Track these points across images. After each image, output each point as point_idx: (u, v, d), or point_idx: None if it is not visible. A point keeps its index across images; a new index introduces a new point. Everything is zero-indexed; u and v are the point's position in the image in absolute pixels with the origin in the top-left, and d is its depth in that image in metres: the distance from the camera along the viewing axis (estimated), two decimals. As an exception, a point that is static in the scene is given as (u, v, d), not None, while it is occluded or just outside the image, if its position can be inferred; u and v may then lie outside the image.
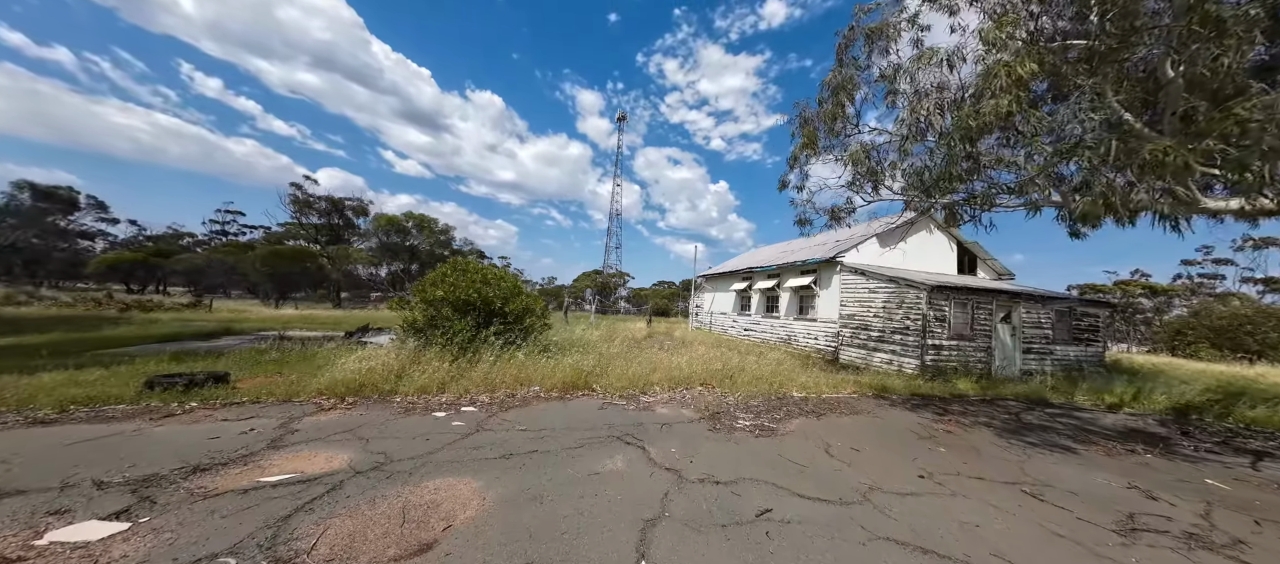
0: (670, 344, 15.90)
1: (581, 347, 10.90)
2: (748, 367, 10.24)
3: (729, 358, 12.04)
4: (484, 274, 9.48)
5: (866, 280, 13.54)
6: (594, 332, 16.60)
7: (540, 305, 9.93)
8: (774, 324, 17.60)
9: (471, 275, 9.23)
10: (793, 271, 16.90)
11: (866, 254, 15.30)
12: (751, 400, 7.48)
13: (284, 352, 9.33)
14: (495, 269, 9.96)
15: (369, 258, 35.81)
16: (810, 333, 15.45)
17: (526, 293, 9.99)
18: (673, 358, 10.83)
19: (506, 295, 9.22)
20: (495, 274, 9.78)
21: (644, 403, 6.85)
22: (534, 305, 9.63)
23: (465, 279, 8.94)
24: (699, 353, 12.71)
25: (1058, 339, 13.67)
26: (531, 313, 9.40)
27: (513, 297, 9.33)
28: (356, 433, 4.71)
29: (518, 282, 9.94)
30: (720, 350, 14.96)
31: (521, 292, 9.78)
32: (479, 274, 9.39)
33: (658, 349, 13.43)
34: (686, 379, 8.60)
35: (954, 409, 8.06)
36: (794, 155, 10.16)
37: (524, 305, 9.26)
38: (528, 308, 9.40)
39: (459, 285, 8.74)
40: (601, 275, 54.07)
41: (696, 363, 10.21)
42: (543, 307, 10.11)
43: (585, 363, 8.35)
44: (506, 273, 10.03)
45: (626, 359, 9.53)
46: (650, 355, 10.82)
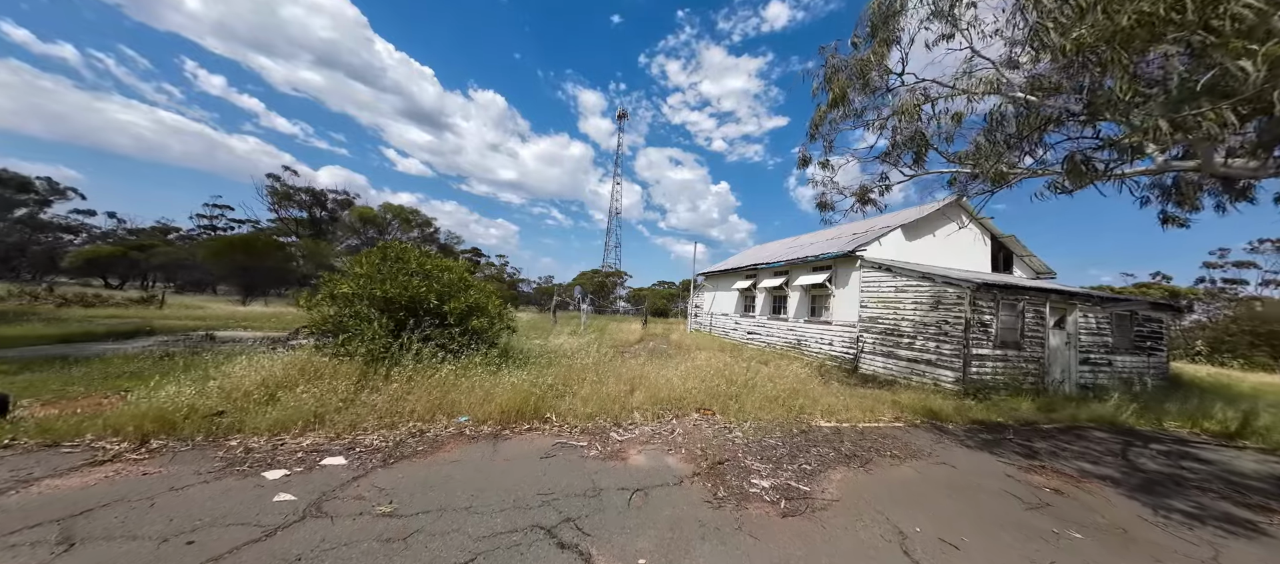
0: (664, 349, 13.83)
1: (551, 356, 8.82)
2: (757, 380, 8.17)
3: (732, 368, 9.97)
4: (422, 263, 7.40)
5: (893, 277, 11.46)
6: (576, 337, 14.53)
7: (496, 304, 7.85)
8: (781, 327, 15.52)
9: (398, 264, 7.14)
10: (803, 268, 14.83)
11: (889, 248, 13.23)
12: (766, 436, 5.39)
13: (169, 360, 7.27)
14: (440, 260, 7.88)
15: (343, 253, 33.76)
16: (824, 337, 13.36)
17: (478, 287, 7.92)
18: (664, 370, 8.76)
19: (447, 290, 7.15)
20: (440, 264, 7.71)
21: (614, 443, 4.77)
22: (486, 304, 7.54)
23: (389, 268, 6.85)
24: (697, 362, 10.63)
25: (1118, 347, 11.59)
26: (481, 313, 7.31)
27: (456, 292, 7.25)
28: (83, 518, 2.64)
29: (466, 273, 7.86)
30: (721, 357, 12.91)
31: (470, 285, 7.71)
32: (415, 262, 7.31)
33: (648, 357, 11.36)
34: (679, 400, 6.52)
35: (1038, 446, 5.97)
36: (815, 121, 8.07)
37: (470, 303, 7.18)
38: (476, 307, 7.31)
39: (377, 277, 6.65)
40: (599, 274, 52.00)
41: (693, 375, 8.14)
42: (500, 305, 8.03)
43: (543, 379, 6.28)
44: (453, 263, 7.95)
45: (603, 372, 7.44)
46: (636, 366, 8.74)
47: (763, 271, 17.25)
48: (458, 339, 6.79)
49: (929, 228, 13.81)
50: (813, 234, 20.54)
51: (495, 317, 7.72)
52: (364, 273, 6.64)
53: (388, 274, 6.70)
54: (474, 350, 6.93)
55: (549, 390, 6.06)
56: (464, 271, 7.78)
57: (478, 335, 7.17)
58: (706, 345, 15.98)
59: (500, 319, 7.92)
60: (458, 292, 7.33)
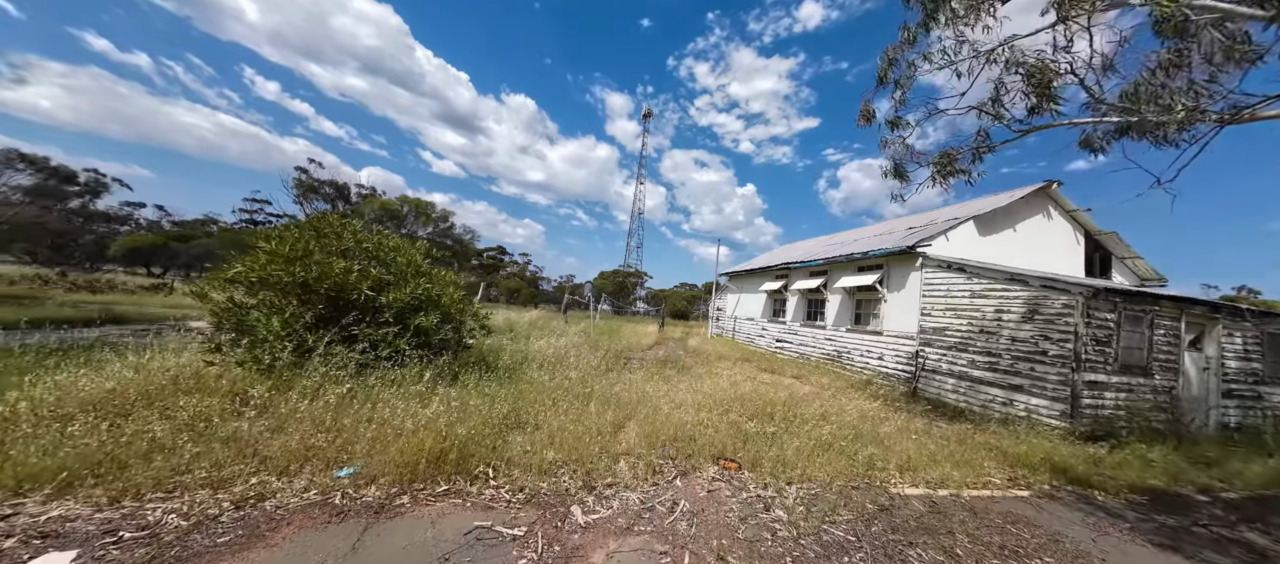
0: (680, 357, 11.82)
1: (530, 365, 6.97)
2: (798, 409, 6.08)
3: (761, 387, 7.90)
4: (360, 241, 5.67)
5: (968, 280, 9.10)
6: (571, 340, 12.68)
7: (455, 298, 6.04)
8: (818, 336, 13.25)
9: (329, 241, 5.42)
10: (846, 268, 12.54)
11: (958, 244, 10.82)
12: (827, 518, 3.35)
13: (57, 353, 5.80)
14: (387, 236, 6.16)
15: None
16: (871, 350, 11.06)
17: (437, 277, 6.14)
18: (673, 388, 6.78)
19: (389, 278, 5.39)
20: (389, 244, 5.98)
21: (573, 531, 2.86)
22: (441, 296, 5.75)
23: (307, 245, 5.13)
24: (717, 378, 8.59)
25: (1271, 377, 8.87)
26: (430, 308, 5.52)
27: (401, 280, 5.49)
28: None
29: (415, 256, 6.08)
30: (746, 370, 10.79)
31: (423, 273, 5.94)
32: (351, 240, 5.59)
33: (656, 368, 9.39)
34: (688, 439, 4.54)
35: (1260, 544, 3.69)
36: (889, 59, 5.94)
37: (416, 296, 5.39)
38: (427, 300, 5.53)
39: (291, 257, 4.93)
40: (619, 275, 50.28)
41: (711, 399, 6.14)
42: (461, 300, 6.22)
43: (496, 406, 4.41)
44: (403, 243, 6.20)
45: (588, 393, 5.53)
46: (637, 382, 6.80)
47: (796, 272, 14.99)
48: (394, 342, 5.01)
49: (1009, 221, 11.30)
50: (856, 230, 18.10)
51: (453, 313, 5.92)
52: (271, 251, 4.94)
53: (306, 256, 4.98)
54: (422, 357, 5.14)
55: (501, 423, 4.19)
56: (412, 254, 6.01)
57: (426, 337, 5.38)
58: (729, 353, 13.87)
59: (463, 315, 6.11)
60: (403, 280, 5.56)
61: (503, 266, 64.91)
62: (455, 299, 6.01)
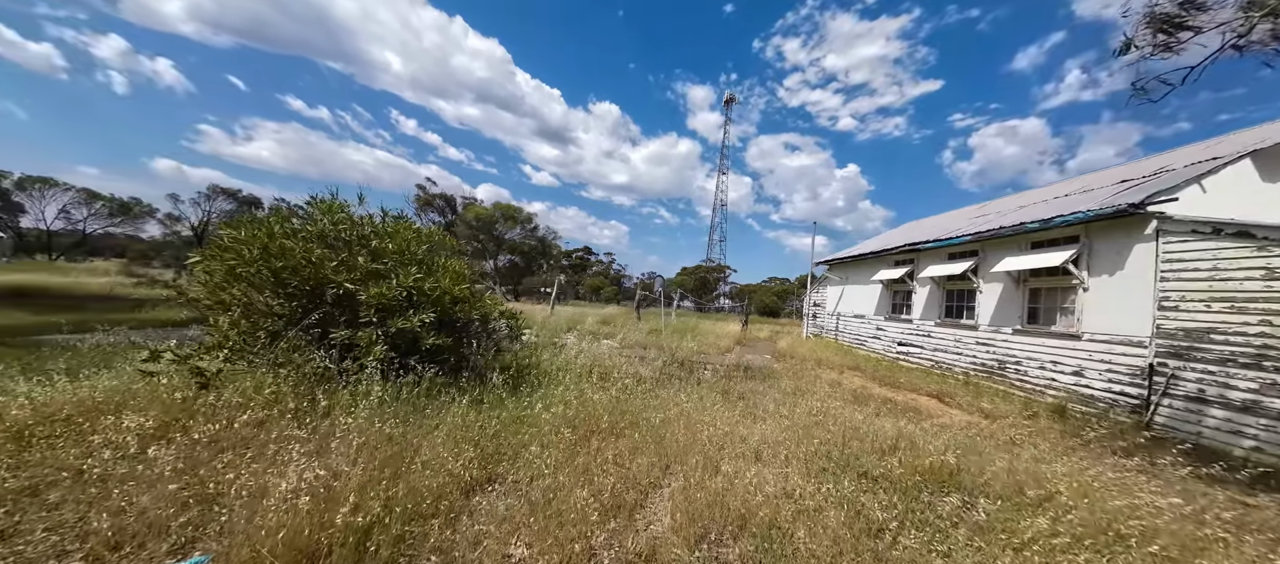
0: (764, 365, 9.52)
1: (566, 377, 5.47)
2: (971, 467, 3.66)
3: (886, 416, 5.47)
4: (336, 224, 4.65)
5: (1261, 251, 5.47)
6: (602, 345, 11.07)
7: (457, 292, 4.73)
8: (964, 339, 9.90)
9: (307, 225, 4.46)
10: (1011, 245, 9.07)
11: (1222, 193, 6.92)
12: None
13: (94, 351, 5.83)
14: (407, 224, 5.08)
15: (459, 247, 36.18)
16: (1060, 361, 7.65)
17: (445, 267, 4.90)
18: (750, 418, 4.78)
19: (376, 269, 4.26)
20: (376, 228, 4.92)
21: None
22: (441, 292, 4.47)
23: (270, 229, 4.16)
24: (815, 400, 6.29)
25: None
26: (423, 304, 4.26)
27: (392, 269, 4.32)
28: None
29: (409, 239, 4.88)
30: (856, 383, 8.04)
31: (417, 260, 4.73)
32: (328, 223, 4.59)
33: (730, 380, 7.30)
34: (764, 539, 2.55)
35: None
36: None
37: (407, 288, 4.16)
38: (421, 294, 4.28)
39: (264, 242, 4.00)
40: (700, 270, 47.99)
41: (805, 433, 4.02)
42: (463, 293, 4.89)
43: (459, 457, 2.93)
44: (400, 226, 5.08)
45: (619, 422, 3.82)
46: (691, 408, 4.91)
47: (926, 254, 11.59)
48: (377, 349, 3.83)
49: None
50: (1020, 195, 13.80)
51: (456, 313, 4.61)
52: (233, 238, 4.06)
53: (268, 238, 4.02)
54: (414, 369, 3.91)
55: (458, 481, 2.68)
56: (410, 238, 4.82)
57: (411, 344, 4.13)
58: (830, 359, 11.12)
59: (468, 313, 4.78)
60: (395, 269, 4.39)
61: (589, 266, 66.76)
62: (460, 295, 4.67)
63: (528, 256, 39.06)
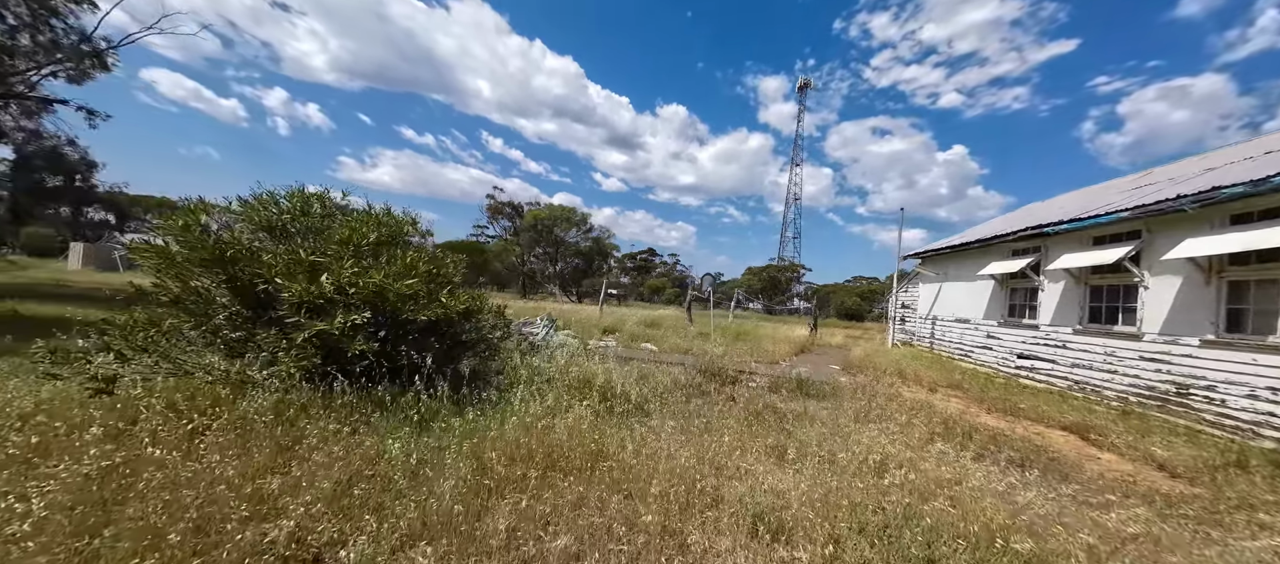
0: (827, 381, 7.78)
1: (555, 391, 4.62)
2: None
3: (1013, 478, 3.86)
4: (282, 212, 4.21)
5: None
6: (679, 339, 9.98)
7: (405, 285, 4.04)
8: (1118, 351, 7.42)
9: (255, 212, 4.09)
10: (1197, 222, 6.53)
11: None
12: None
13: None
14: (378, 215, 4.59)
15: (517, 250, 37.52)
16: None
17: (411, 259, 4.27)
18: (772, 474, 3.55)
19: (319, 261, 3.74)
20: (365, 218, 4.44)
21: None
22: (397, 286, 3.82)
23: (199, 217, 3.80)
24: (881, 436, 4.79)
25: None
26: (359, 302, 3.64)
27: (334, 261, 3.78)
28: None
29: (359, 230, 4.28)
30: (955, 407, 6.00)
31: (356, 248, 4.14)
32: (273, 211, 4.18)
33: (766, 401, 5.89)
34: None
35: None
36: None
37: (337, 285, 3.57)
38: (354, 290, 3.68)
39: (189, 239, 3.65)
40: (769, 270, 45.04)
41: (852, 518, 2.72)
42: (414, 287, 4.17)
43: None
44: (358, 219, 4.53)
45: (572, 458, 2.85)
46: (669, 445, 3.77)
47: (1059, 239, 9.03)
48: (309, 355, 3.28)
49: None
50: (1207, 156, 10.46)
51: (414, 303, 3.94)
52: (164, 226, 3.75)
53: (201, 229, 3.67)
54: (341, 377, 3.32)
55: None
56: (359, 230, 4.22)
57: (335, 348, 3.51)
58: (920, 373, 9.07)
59: (420, 312, 4.08)
60: (330, 263, 3.84)
61: (653, 268, 66.43)
62: (406, 291, 3.92)
63: (588, 258, 39.51)
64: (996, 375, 9.83)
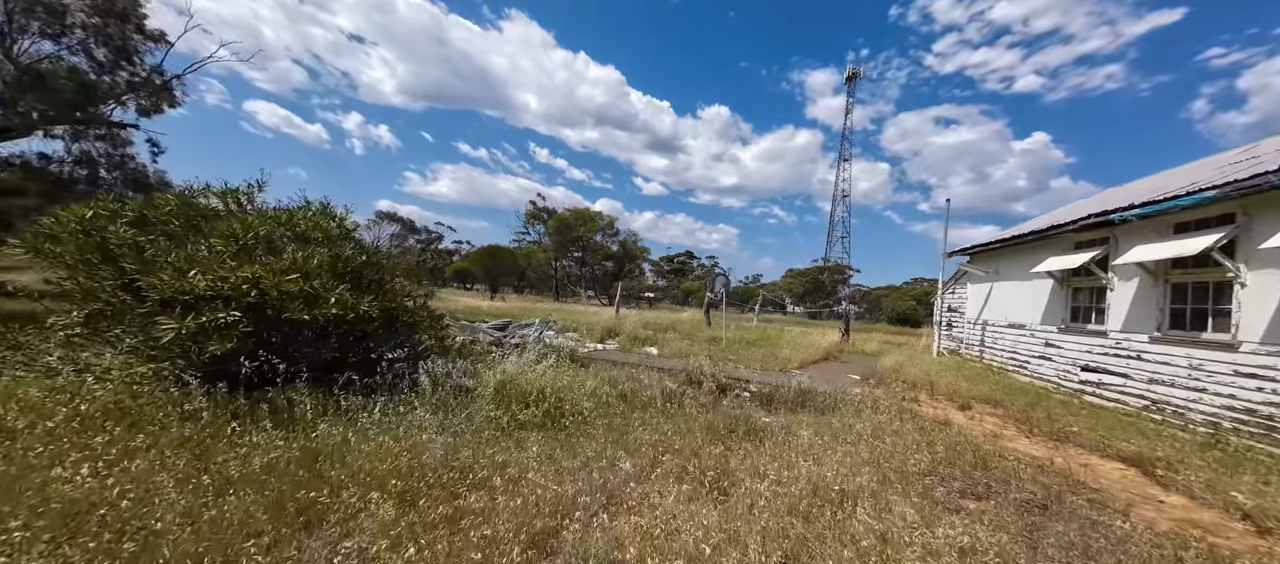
0: (835, 396, 6.88)
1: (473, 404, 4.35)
2: None
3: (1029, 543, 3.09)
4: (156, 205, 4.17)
5: None
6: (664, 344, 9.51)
7: (288, 282, 3.82)
8: (1206, 364, 6.07)
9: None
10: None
11: None
12: None
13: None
14: (282, 212, 4.51)
15: (545, 254, 38.21)
16: None
17: (313, 251, 4.11)
18: (697, 516, 3.03)
19: (202, 256, 3.67)
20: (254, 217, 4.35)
21: None
22: (280, 283, 3.67)
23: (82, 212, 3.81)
24: (859, 456, 4.10)
25: None
26: (233, 300, 3.50)
27: (230, 257, 3.70)
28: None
29: (232, 225, 4.09)
30: (996, 425, 4.90)
31: (233, 236, 3.99)
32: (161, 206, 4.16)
33: (753, 413, 5.24)
34: None
35: None
36: None
37: (210, 280, 3.46)
38: (231, 290, 3.54)
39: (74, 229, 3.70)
40: (810, 272, 42.84)
41: None
42: (295, 286, 3.90)
43: None
44: (274, 213, 4.44)
45: (414, 489, 2.51)
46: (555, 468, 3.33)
47: (1131, 229, 7.64)
48: (170, 355, 3.20)
49: None
50: None
51: (301, 302, 3.76)
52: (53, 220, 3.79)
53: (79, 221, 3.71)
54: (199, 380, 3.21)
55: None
56: (253, 223, 4.05)
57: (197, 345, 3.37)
58: (957, 387, 7.98)
59: (324, 308, 3.87)
60: (220, 257, 3.73)
61: (690, 270, 65.55)
62: (289, 288, 3.59)
63: (618, 261, 39.54)
64: (1055, 391, 8.47)
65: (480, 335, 8.16)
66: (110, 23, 17.74)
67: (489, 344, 8.76)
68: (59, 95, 16.00)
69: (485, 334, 9.81)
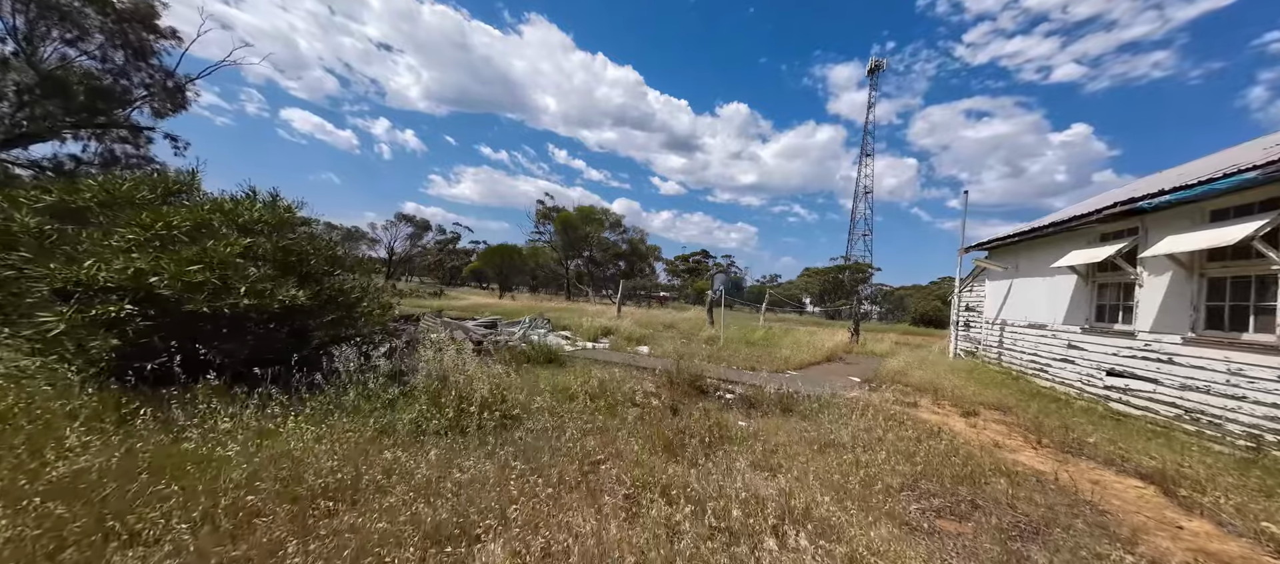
0: (817, 398, 6.42)
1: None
2: None
3: None
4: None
5: None
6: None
7: (162, 264, 3.63)
8: (1247, 368, 5.41)
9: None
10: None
11: None
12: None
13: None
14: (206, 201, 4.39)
15: (553, 255, 38.23)
16: None
17: (222, 241, 3.93)
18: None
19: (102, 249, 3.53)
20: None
21: None
22: (155, 264, 3.50)
23: None
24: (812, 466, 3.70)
25: None
26: (194, 290, 3.36)
27: (183, 242, 3.57)
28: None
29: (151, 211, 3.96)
30: (999, 433, 4.29)
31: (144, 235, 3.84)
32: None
33: (720, 417, 4.90)
34: None
35: None
36: None
37: (134, 270, 3.32)
38: (172, 283, 3.40)
39: None
40: (828, 271, 41.70)
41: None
42: (180, 274, 3.71)
43: None
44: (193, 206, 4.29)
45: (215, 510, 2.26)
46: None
47: (1162, 217, 6.95)
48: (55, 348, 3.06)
49: None
50: None
51: (186, 289, 3.57)
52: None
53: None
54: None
55: None
56: (167, 213, 3.89)
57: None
58: (965, 392, 7.44)
59: (226, 298, 3.68)
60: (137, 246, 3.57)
61: (705, 270, 64.90)
62: (206, 281, 3.40)
63: (628, 259, 39.31)
64: (1078, 398, 7.81)
65: (456, 334, 7.99)
66: (129, 27, 18.40)
67: (474, 342, 8.61)
68: (75, 100, 16.69)
69: (470, 332, 9.66)
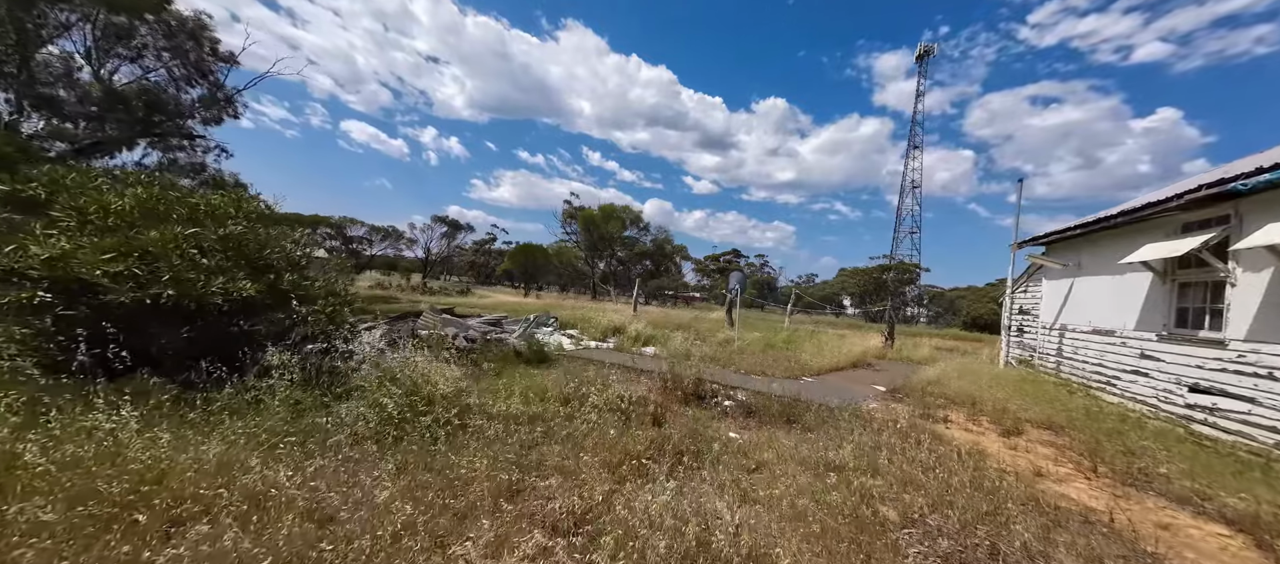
0: (838, 409, 5.75)
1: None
2: None
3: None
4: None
5: None
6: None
7: (85, 250, 3.48)
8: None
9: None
10: None
11: None
12: None
13: None
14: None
15: (574, 254, 38.33)
16: None
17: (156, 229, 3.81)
18: None
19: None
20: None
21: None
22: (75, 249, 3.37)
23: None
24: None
25: None
26: (118, 280, 3.27)
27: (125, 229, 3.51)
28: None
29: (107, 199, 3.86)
30: (1046, 459, 3.60)
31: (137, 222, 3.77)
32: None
33: (708, 428, 4.42)
34: None
35: None
36: None
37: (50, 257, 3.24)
38: (90, 271, 3.32)
39: None
40: (868, 272, 39.54)
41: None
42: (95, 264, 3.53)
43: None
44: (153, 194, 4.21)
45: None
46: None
47: (1257, 205, 5.82)
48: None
49: None
50: None
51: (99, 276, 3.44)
52: None
53: None
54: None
55: None
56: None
57: None
58: (1012, 407, 6.55)
59: (154, 287, 3.52)
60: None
61: (736, 269, 63.55)
62: (131, 271, 3.20)
63: (655, 259, 38.88)
64: (1152, 417, 6.71)
65: (448, 331, 7.87)
66: (184, 42, 19.85)
67: (467, 340, 8.49)
68: (134, 113, 18.17)
69: (473, 330, 9.57)
